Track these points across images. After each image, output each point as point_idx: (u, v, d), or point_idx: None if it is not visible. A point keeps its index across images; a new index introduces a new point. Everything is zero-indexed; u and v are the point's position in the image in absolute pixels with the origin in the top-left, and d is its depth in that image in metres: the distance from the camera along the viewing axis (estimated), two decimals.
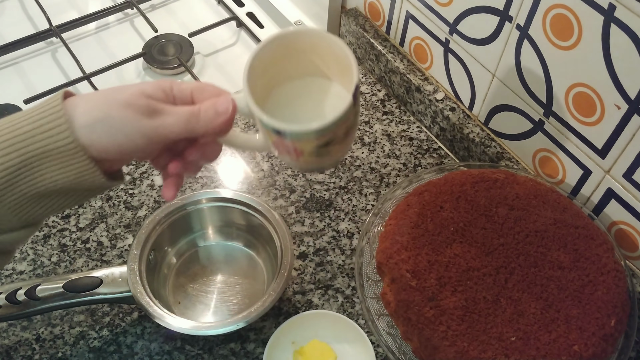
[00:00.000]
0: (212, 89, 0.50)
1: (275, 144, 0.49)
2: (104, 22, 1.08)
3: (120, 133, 0.45)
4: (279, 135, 0.47)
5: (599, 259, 0.62)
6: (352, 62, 0.47)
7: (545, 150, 0.73)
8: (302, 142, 0.48)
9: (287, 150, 0.49)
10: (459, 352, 0.57)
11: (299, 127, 0.46)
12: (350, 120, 0.48)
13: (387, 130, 0.87)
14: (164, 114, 0.46)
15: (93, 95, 0.46)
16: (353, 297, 0.70)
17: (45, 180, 0.45)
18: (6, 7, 1.10)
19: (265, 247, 0.71)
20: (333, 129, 0.47)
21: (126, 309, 0.68)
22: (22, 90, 0.95)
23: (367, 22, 0.93)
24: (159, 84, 0.48)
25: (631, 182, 0.64)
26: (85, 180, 0.46)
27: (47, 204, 0.46)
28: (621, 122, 0.61)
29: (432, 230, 0.63)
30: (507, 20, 0.68)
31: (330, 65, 0.51)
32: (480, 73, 0.76)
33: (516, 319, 0.58)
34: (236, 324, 0.61)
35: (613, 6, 0.56)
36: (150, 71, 1.00)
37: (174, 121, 0.47)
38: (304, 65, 0.52)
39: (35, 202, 0.46)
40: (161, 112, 0.46)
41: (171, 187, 0.51)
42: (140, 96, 0.46)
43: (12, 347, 0.65)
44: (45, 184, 0.45)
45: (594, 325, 0.58)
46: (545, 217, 0.64)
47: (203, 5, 1.13)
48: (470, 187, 0.67)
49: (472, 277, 0.60)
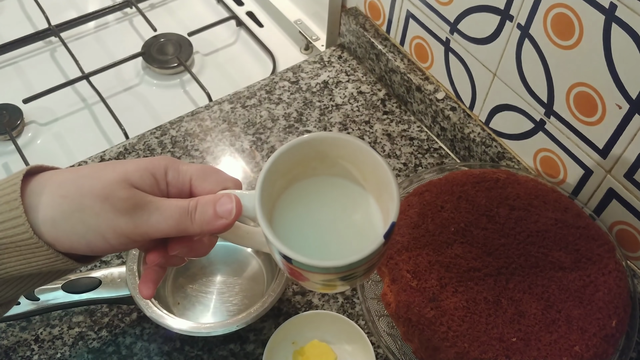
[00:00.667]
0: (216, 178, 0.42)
1: (281, 262, 0.42)
2: (103, 21, 1.08)
3: (90, 231, 0.37)
4: (285, 259, 0.40)
5: (600, 259, 0.61)
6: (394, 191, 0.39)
7: (546, 150, 0.72)
8: (310, 274, 0.41)
9: (292, 272, 0.42)
10: (460, 353, 0.56)
11: (306, 260, 0.39)
12: (374, 260, 0.41)
13: (387, 130, 0.86)
14: (149, 210, 0.38)
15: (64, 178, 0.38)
16: (353, 297, 0.70)
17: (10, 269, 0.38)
18: (5, 6, 1.09)
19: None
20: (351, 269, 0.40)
21: (125, 309, 0.68)
22: (21, 90, 0.95)
23: (367, 21, 0.92)
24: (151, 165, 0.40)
25: (632, 182, 0.64)
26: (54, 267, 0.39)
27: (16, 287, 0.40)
28: (622, 121, 0.61)
29: (433, 230, 0.63)
30: (508, 19, 0.68)
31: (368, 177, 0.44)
32: (481, 72, 0.76)
33: (517, 320, 0.58)
34: (236, 324, 0.61)
35: (614, 5, 0.56)
36: (150, 71, 1.00)
37: (161, 219, 0.39)
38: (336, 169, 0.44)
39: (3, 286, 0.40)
40: (146, 207, 0.38)
41: (149, 282, 0.44)
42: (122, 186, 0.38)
43: (10, 347, 0.65)
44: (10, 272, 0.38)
45: (595, 326, 0.57)
46: (547, 217, 0.64)
47: (202, 4, 1.12)
48: (471, 187, 0.67)
49: (473, 278, 0.60)
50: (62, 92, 0.94)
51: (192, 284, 0.70)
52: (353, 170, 0.44)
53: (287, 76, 0.92)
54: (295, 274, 0.42)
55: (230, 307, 0.68)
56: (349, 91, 0.91)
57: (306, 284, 0.43)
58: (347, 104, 0.89)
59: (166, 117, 0.87)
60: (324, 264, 0.38)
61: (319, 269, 0.39)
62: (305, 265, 0.39)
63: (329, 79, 0.92)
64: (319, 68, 0.93)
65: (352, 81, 0.92)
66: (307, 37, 1.02)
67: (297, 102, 0.89)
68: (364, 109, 0.89)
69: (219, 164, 0.82)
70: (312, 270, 0.40)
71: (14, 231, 0.37)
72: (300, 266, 0.39)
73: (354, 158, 0.43)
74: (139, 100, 0.96)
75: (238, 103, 0.88)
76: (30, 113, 0.92)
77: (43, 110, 0.93)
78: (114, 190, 0.37)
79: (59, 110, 0.94)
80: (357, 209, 0.43)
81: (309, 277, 0.41)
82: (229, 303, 0.68)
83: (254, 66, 1.02)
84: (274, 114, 0.87)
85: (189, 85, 0.98)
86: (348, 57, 0.96)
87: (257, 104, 0.88)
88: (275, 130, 0.85)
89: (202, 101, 0.94)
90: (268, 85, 0.91)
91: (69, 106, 0.94)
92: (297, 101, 0.89)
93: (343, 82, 0.92)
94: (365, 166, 0.43)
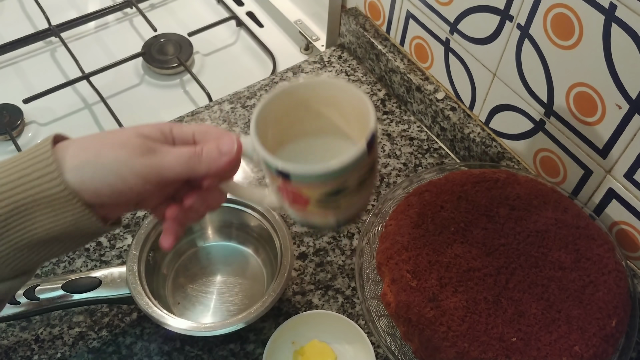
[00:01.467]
0: (215, 131, 0.47)
1: (281, 191, 0.46)
2: (103, 21, 1.08)
3: (111, 174, 0.42)
4: (283, 179, 0.44)
5: (600, 259, 0.61)
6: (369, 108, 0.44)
7: (546, 150, 0.72)
8: (308, 187, 0.44)
9: (294, 198, 0.45)
10: (460, 352, 0.56)
11: (303, 168, 0.43)
12: (363, 170, 0.44)
13: (387, 130, 0.86)
14: (162, 153, 0.44)
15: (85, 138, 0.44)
16: (353, 297, 0.70)
17: (38, 228, 0.42)
18: (5, 6, 1.09)
19: (265, 247, 0.71)
20: (342, 175, 0.43)
21: (125, 309, 0.68)
22: (21, 90, 0.95)
23: (367, 22, 0.93)
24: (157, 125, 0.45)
25: (632, 182, 0.64)
26: (80, 226, 0.43)
27: (40, 252, 0.44)
28: (622, 122, 0.61)
29: (433, 230, 0.63)
30: (508, 19, 0.68)
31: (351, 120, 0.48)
32: (481, 72, 0.76)
33: (517, 320, 0.58)
34: (236, 324, 0.61)
35: (614, 6, 0.56)
36: (150, 71, 1.00)
37: (173, 159, 0.44)
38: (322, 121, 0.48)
39: (27, 251, 0.43)
40: (159, 150, 0.44)
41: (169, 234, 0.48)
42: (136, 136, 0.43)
43: (11, 347, 0.65)
44: (38, 233, 0.42)
45: (595, 326, 0.57)
46: (546, 217, 0.64)
47: (202, 4, 1.12)
48: (471, 187, 0.67)
49: (473, 278, 0.60)
50: (62, 92, 0.94)
51: (192, 284, 0.70)
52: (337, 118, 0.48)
53: (287, 76, 0.92)
54: (295, 197, 0.45)
55: (230, 307, 0.68)
56: None
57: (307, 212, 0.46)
58: None
59: (166, 117, 0.87)
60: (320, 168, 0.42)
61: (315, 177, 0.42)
62: (302, 177, 0.43)
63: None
64: (319, 68, 0.93)
65: (352, 81, 0.92)
66: (307, 37, 1.02)
67: None
68: None
69: None
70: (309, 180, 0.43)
71: (48, 185, 0.41)
72: (298, 179, 0.43)
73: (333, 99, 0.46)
74: (139, 101, 0.96)
75: (238, 103, 0.88)
76: (31, 113, 0.92)
77: (43, 110, 0.93)
78: (130, 139, 0.43)
79: (59, 110, 0.94)
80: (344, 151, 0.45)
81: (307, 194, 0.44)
82: (229, 303, 0.68)
83: (254, 66, 1.02)
84: None
85: (189, 85, 0.98)
86: (348, 57, 0.96)
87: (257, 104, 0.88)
88: None
89: (202, 101, 0.94)
90: (268, 85, 0.91)
91: (69, 106, 0.95)
92: None
93: None
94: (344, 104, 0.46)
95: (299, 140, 0.50)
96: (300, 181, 0.43)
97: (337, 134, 0.49)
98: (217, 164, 0.45)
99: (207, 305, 0.68)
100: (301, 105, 0.48)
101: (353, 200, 0.46)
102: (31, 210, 0.41)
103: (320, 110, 0.48)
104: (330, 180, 0.43)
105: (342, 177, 0.43)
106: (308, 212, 0.46)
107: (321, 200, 0.45)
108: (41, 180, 0.41)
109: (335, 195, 0.45)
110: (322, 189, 0.44)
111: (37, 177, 0.41)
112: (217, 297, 0.69)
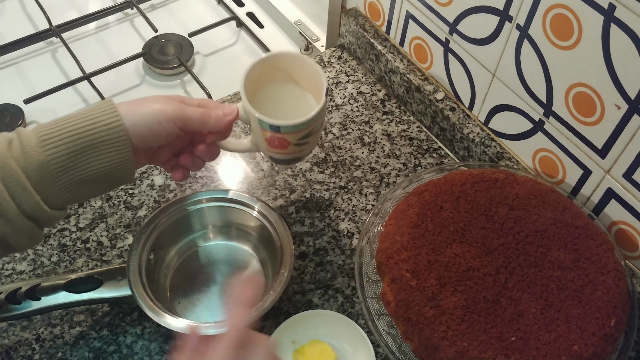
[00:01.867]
0: (214, 102, 0.62)
1: (268, 140, 0.62)
2: (103, 22, 1.08)
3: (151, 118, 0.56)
4: (273, 131, 0.60)
5: (599, 259, 0.62)
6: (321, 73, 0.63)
7: (545, 150, 0.73)
8: (291, 134, 0.61)
9: (279, 143, 0.62)
10: (459, 352, 0.57)
11: (293, 121, 0.60)
12: (323, 116, 0.63)
13: (387, 130, 0.87)
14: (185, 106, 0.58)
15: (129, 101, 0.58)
16: (353, 297, 0.70)
17: (94, 166, 0.54)
18: (6, 6, 1.10)
19: (265, 247, 0.71)
20: (314, 121, 0.61)
21: (126, 309, 0.68)
22: (22, 90, 0.95)
23: (367, 22, 0.93)
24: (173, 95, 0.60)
25: (631, 182, 0.64)
26: (120, 169, 0.55)
27: (83, 190, 0.55)
28: (621, 122, 0.61)
29: (432, 230, 0.63)
30: (507, 20, 0.68)
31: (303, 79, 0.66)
32: (480, 73, 0.76)
33: (516, 319, 0.58)
34: None
35: (613, 6, 0.56)
36: (150, 71, 1.00)
37: (192, 111, 0.58)
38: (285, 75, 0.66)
39: (78, 187, 0.54)
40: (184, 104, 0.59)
41: (179, 172, 0.63)
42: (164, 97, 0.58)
43: (12, 347, 0.65)
44: (91, 171, 0.54)
45: (594, 325, 0.58)
46: (545, 217, 0.64)
47: (203, 5, 1.13)
48: (470, 187, 0.67)
49: (472, 277, 0.60)
50: (63, 93, 0.94)
51: (193, 284, 0.70)
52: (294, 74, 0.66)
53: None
54: (280, 142, 0.62)
55: None
56: (348, 91, 0.91)
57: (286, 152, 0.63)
58: (346, 104, 0.89)
59: None
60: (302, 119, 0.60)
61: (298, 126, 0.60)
62: (289, 127, 0.60)
63: (329, 80, 0.92)
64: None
65: (352, 82, 0.93)
66: (307, 37, 1.03)
67: None
68: (363, 109, 0.89)
69: (220, 163, 0.82)
70: (293, 129, 0.60)
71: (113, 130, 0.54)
72: (287, 129, 0.60)
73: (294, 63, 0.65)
74: None
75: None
76: (32, 113, 0.93)
77: (44, 110, 0.93)
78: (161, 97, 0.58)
79: (60, 111, 0.94)
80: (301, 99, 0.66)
81: (290, 139, 0.61)
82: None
83: None
84: None
85: (190, 85, 0.99)
86: (348, 57, 0.96)
87: None
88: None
89: None
90: None
91: (70, 106, 0.95)
92: None
93: (343, 82, 0.92)
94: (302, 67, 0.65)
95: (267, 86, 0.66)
96: (287, 131, 0.61)
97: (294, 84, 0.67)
98: (222, 121, 0.60)
99: (207, 304, 0.68)
100: (271, 66, 0.65)
101: (315, 138, 0.65)
102: (92, 150, 0.53)
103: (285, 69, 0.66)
104: (306, 127, 0.61)
105: (314, 123, 0.61)
106: (287, 152, 0.63)
107: (298, 142, 0.62)
108: (108, 126, 0.54)
109: (307, 137, 0.63)
110: (301, 133, 0.61)
111: (104, 124, 0.54)
112: (217, 297, 0.69)
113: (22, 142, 0.52)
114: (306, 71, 0.65)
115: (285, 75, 0.66)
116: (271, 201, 0.78)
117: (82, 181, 0.54)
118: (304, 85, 0.67)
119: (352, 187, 0.80)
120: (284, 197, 0.79)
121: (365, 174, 0.81)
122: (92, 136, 0.53)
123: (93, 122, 0.54)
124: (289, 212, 0.77)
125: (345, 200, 0.79)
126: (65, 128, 0.53)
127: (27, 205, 0.51)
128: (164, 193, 0.78)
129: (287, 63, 0.65)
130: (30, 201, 0.51)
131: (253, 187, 0.79)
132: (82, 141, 0.53)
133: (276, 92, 0.67)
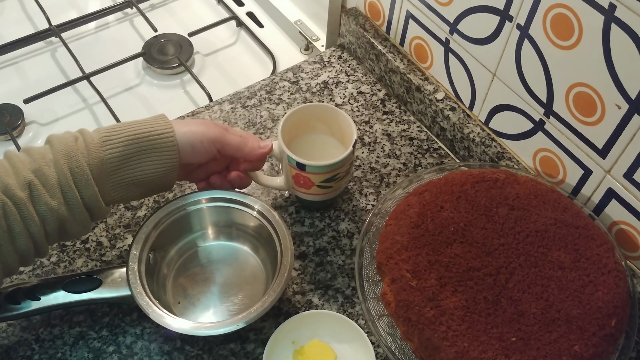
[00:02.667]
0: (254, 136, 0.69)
1: (295, 177, 0.70)
2: (103, 21, 1.08)
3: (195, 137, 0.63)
4: (299, 169, 0.68)
5: (600, 259, 0.62)
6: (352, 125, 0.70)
7: (545, 150, 0.73)
8: (315, 174, 0.68)
9: (303, 182, 0.70)
10: (460, 352, 0.56)
11: (317, 162, 0.67)
12: (348, 164, 0.71)
13: (387, 130, 0.87)
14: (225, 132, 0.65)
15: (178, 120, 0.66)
16: (353, 297, 0.70)
17: (143, 170, 0.60)
18: (6, 6, 1.10)
19: (265, 247, 0.71)
20: (338, 167, 0.68)
21: (126, 309, 0.68)
22: (22, 90, 0.95)
23: (367, 22, 0.93)
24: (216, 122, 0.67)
25: (632, 182, 0.64)
26: (166, 176, 0.62)
27: (129, 192, 0.61)
28: (622, 122, 0.61)
29: (433, 230, 0.63)
30: (508, 19, 0.68)
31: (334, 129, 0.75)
32: (481, 73, 0.76)
33: (517, 319, 0.58)
34: (236, 324, 0.61)
35: (613, 6, 0.56)
36: (150, 71, 1.00)
37: (232, 138, 0.65)
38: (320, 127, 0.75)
39: (127, 187, 0.61)
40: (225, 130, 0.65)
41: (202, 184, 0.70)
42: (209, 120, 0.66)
43: (11, 347, 0.65)
44: (139, 175, 0.61)
45: (595, 326, 0.58)
46: (546, 217, 0.64)
47: (203, 4, 1.12)
48: (471, 187, 0.67)
49: (473, 277, 0.60)
50: (62, 92, 0.94)
51: (193, 284, 0.70)
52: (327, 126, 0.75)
53: (287, 76, 0.92)
54: (305, 181, 0.69)
55: (231, 306, 0.68)
56: (349, 91, 0.91)
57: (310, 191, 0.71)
58: (347, 104, 0.89)
59: None
60: (326, 163, 0.67)
61: (322, 168, 0.68)
62: (313, 168, 0.67)
63: (329, 79, 0.92)
64: (319, 68, 0.94)
65: (352, 81, 0.92)
66: (307, 37, 1.02)
67: (297, 102, 0.89)
68: (363, 109, 0.89)
69: None
70: (317, 170, 0.68)
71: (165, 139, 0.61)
72: (311, 169, 0.68)
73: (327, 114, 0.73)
74: (140, 101, 0.96)
75: (238, 103, 0.88)
76: (31, 113, 0.93)
77: (44, 110, 0.93)
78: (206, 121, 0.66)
79: (59, 110, 0.94)
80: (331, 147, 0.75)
81: (314, 179, 0.69)
82: (229, 303, 0.68)
83: (254, 66, 1.02)
84: (274, 114, 0.87)
85: (190, 85, 0.99)
86: (348, 57, 0.96)
87: (258, 104, 0.88)
88: (276, 130, 0.85)
89: (202, 101, 0.94)
90: (268, 85, 0.91)
91: (69, 106, 0.95)
92: (297, 101, 0.89)
93: (343, 82, 0.92)
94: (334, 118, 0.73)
95: (302, 136, 0.75)
96: (311, 171, 0.68)
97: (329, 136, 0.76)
98: (257, 152, 0.67)
99: (207, 304, 0.68)
100: (306, 116, 0.73)
101: (338, 184, 0.72)
102: (145, 155, 0.60)
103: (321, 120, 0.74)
104: (330, 170, 0.68)
105: (338, 169, 0.69)
106: (311, 192, 0.71)
107: (321, 184, 0.70)
108: (162, 135, 0.61)
109: (330, 181, 0.70)
110: (324, 176, 0.69)
111: (159, 133, 0.61)
112: (217, 297, 0.69)
113: (86, 140, 0.58)
114: (340, 123, 0.72)
115: (321, 126, 0.75)
116: (271, 201, 0.78)
117: (130, 183, 0.60)
118: (337, 135, 0.75)
119: (352, 187, 0.80)
120: (283, 197, 0.79)
121: (365, 174, 0.81)
122: (147, 142, 0.60)
123: (149, 130, 0.60)
124: (289, 212, 0.77)
125: (345, 200, 0.78)
126: (124, 132, 0.59)
127: (87, 195, 0.57)
128: (164, 193, 0.78)
129: (322, 114, 0.73)
130: (90, 192, 0.57)
131: (253, 187, 0.79)
132: (137, 145, 0.59)
133: (311, 140, 0.75)
